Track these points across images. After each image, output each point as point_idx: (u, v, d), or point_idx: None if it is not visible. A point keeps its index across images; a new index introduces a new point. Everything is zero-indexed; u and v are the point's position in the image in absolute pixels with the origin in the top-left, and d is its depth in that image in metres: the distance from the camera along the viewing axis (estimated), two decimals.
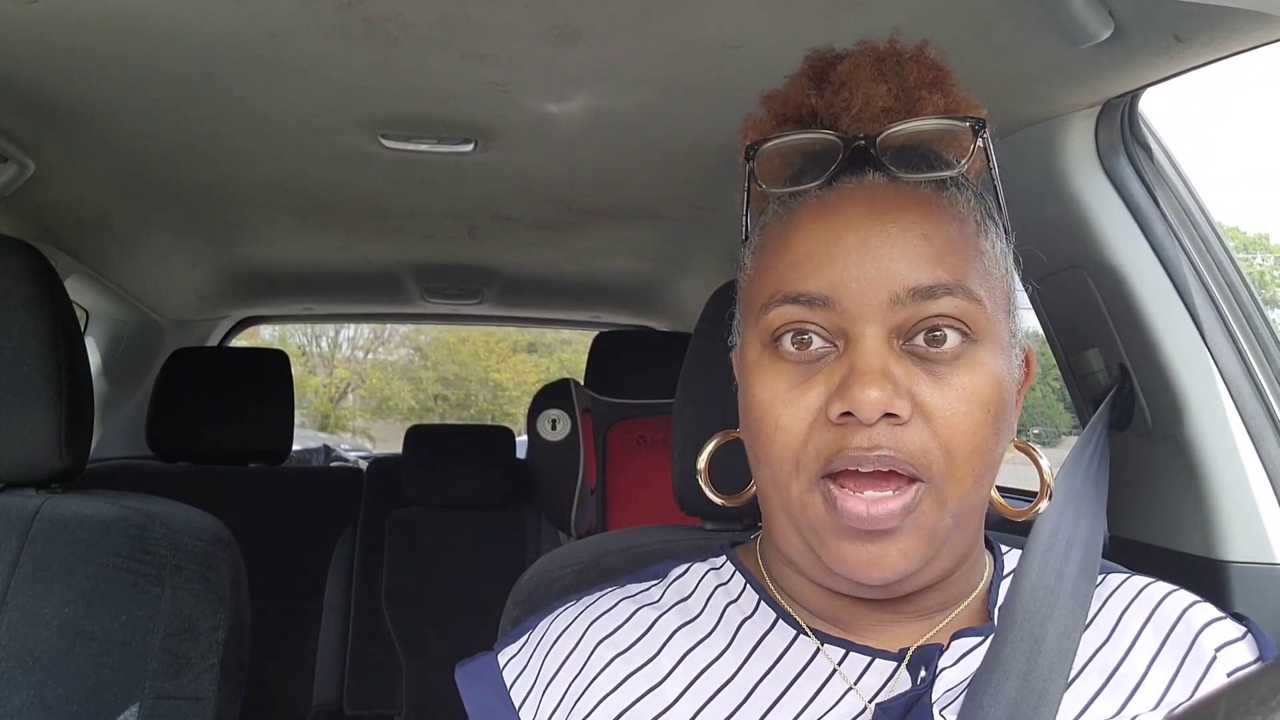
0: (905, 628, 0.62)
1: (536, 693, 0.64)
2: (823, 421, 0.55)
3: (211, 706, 0.97)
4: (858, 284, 0.55)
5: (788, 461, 0.57)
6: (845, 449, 0.54)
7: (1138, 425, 1.08)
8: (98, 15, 0.99)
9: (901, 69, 0.61)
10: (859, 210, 0.57)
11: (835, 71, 0.62)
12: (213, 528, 1.05)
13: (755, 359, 0.59)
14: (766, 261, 0.60)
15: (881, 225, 0.56)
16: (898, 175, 0.58)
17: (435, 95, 1.21)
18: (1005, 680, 0.59)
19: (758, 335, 0.59)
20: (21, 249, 1.03)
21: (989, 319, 0.57)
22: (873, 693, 0.59)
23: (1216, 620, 0.63)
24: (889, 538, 0.55)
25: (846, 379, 0.54)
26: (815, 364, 0.57)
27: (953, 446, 0.55)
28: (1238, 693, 0.33)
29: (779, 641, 0.63)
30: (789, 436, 0.56)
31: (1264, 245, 13.86)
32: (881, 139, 0.58)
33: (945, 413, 0.55)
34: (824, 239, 0.57)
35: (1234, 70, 0.90)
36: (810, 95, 0.62)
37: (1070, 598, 0.64)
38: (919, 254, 0.56)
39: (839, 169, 0.59)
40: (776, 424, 0.57)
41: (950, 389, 0.55)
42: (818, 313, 0.56)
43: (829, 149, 0.60)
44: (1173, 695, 0.60)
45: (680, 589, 0.69)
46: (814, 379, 0.56)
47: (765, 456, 0.58)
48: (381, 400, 16.02)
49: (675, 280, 2.43)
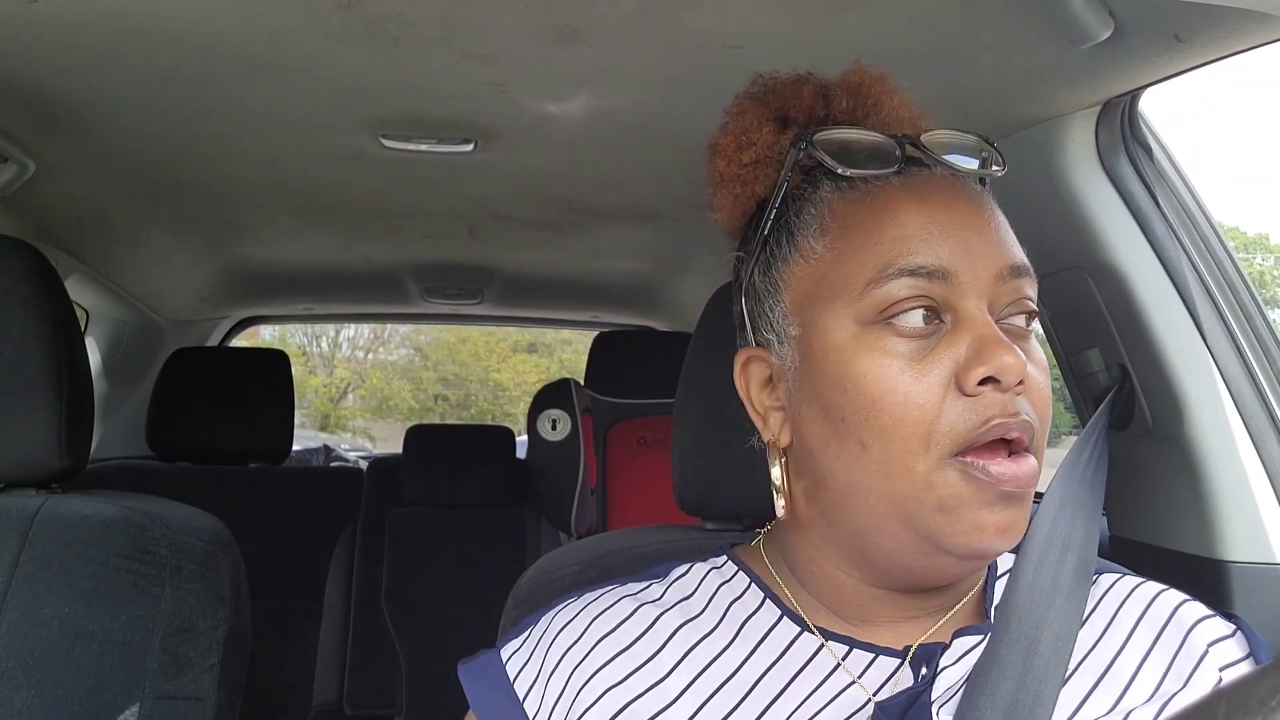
0: (911, 625, 0.62)
1: (540, 685, 0.64)
2: (954, 394, 0.55)
3: (211, 706, 0.97)
4: (969, 258, 0.57)
5: (916, 439, 0.55)
6: (992, 418, 0.55)
7: (1138, 425, 1.08)
8: (98, 15, 0.99)
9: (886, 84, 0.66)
10: (951, 195, 0.60)
11: (839, 85, 0.65)
12: (213, 528, 1.05)
13: (854, 340, 0.58)
14: (858, 242, 0.59)
15: (975, 208, 0.59)
16: (959, 169, 0.61)
17: (435, 95, 1.21)
18: (1001, 682, 0.59)
19: (857, 314, 0.58)
20: (21, 249, 1.03)
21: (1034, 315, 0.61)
22: (875, 688, 0.60)
23: (1207, 618, 0.64)
24: (1021, 501, 0.56)
25: (980, 345, 0.55)
26: (929, 339, 0.57)
27: (1043, 417, 0.58)
28: (1237, 693, 0.33)
29: (783, 637, 0.63)
30: (922, 412, 0.55)
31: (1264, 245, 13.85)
32: (925, 138, 0.62)
33: (1039, 385, 0.58)
34: (926, 217, 0.58)
35: (1234, 70, 0.90)
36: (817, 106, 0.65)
37: (1066, 600, 0.65)
38: (1008, 236, 0.60)
39: (902, 164, 0.61)
40: (906, 398, 0.55)
41: (1036, 364, 0.58)
42: (935, 285, 0.57)
43: (884, 147, 0.61)
44: (1165, 688, 0.60)
45: (682, 588, 0.69)
46: (934, 353, 0.56)
47: (884, 437, 0.56)
48: (381, 400, 16.02)
49: (675, 280, 2.43)
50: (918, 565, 0.59)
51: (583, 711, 0.61)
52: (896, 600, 0.62)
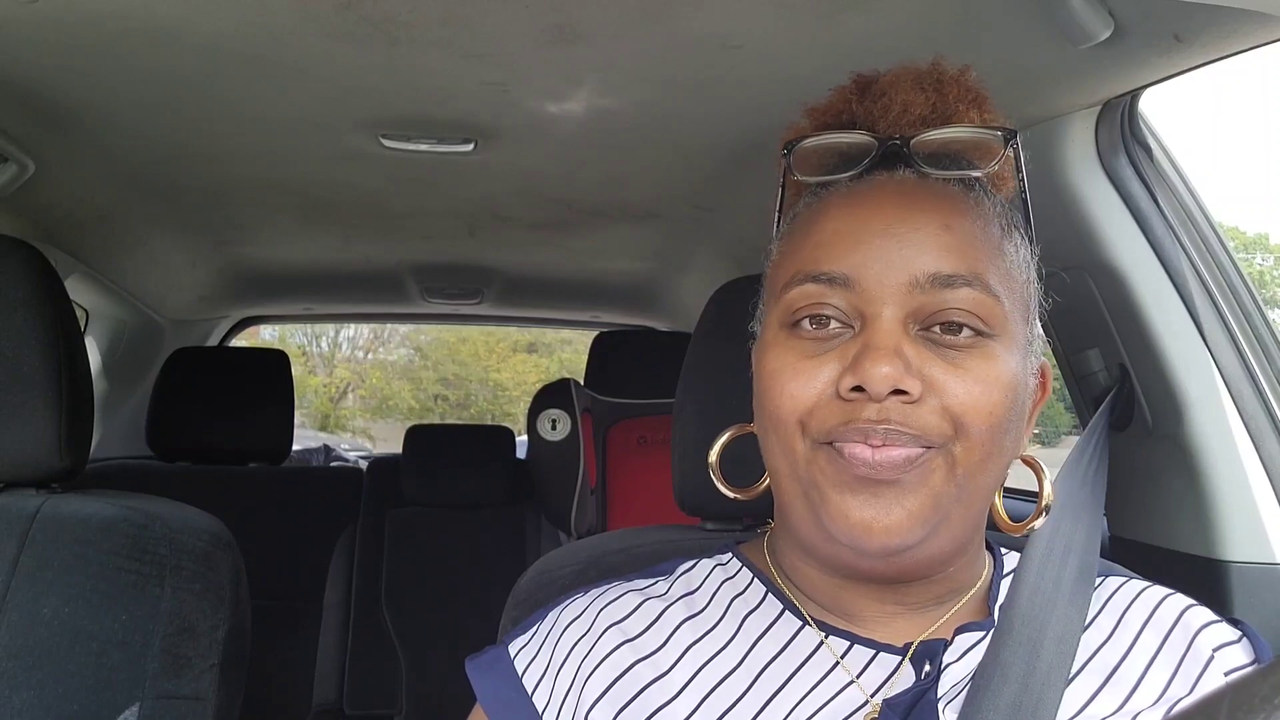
0: (908, 621, 0.62)
1: (549, 677, 0.65)
2: (831, 396, 0.56)
3: (211, 706, 0.97)
4: (879, 265, 0.57)
5: (793, 424, 0.57)
6: (853, 420, 0.55)
7: (1138, 425, 1.08)
8: (98, 15, 0.99)
9: (942, 86, 0.63)
10: (887, 199, 0.59)
11: (877, 83, 0.64)
12: (212, 528, 1.05)
13: (771, 338, 0.61)
14: (793, 245, 0.62)
15: (908, 214, 0.58)
16: (927, 172, 0.60)
17: (435, 95, 1.21)
18: (1004, 684, 0.59)
19: (777, 316, 0.61)
20: (21, 249, 1.03)
21: (1006, 317, 0.58)
22: (875, 686, 0.60)
23: (1213, 623, 0.64)
24: (893, 493, 0.55)
25: (859, 355, 0.55)
26: (829, 342, 0.58)
27: (967, 420, 0.55)
28: (1240, 692, 0.33)
29: (784, 632, 0.63)
30: (795, 403, 0.57)
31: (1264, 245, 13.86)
32: (915, 141, 0.60)
33: (960, 393, 0.55)
34: (850, 222, 0.59)
35: (1234, 70, 0.90)
36: (852, 102, 0.64)
37: (1068, 601, 0.65)
38: (941, 243, 0.57)
39: (871, 164, 0.61)
40: (783, 390, 0.58)
41: (966, 373, 0.56)
42: (837, 292, 0.57)
43: (863, 148, 0.62)
44: (1172, 691, 0.60)
45: (687, 583, 0.69)
46: (827, 355, 0.57)
47: (772, 423, 0.59)
48: (381, 400, 16.02)
49: (675, 280, 2.43)
50: (827, 552, 0.60)
51: (590, 704, 0.62)
52: (868, 592, 0.62)
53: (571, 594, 0.70)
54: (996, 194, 0.63)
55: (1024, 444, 0.62)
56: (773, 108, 1.20)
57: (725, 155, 1.42)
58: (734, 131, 1.31)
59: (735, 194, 1.59)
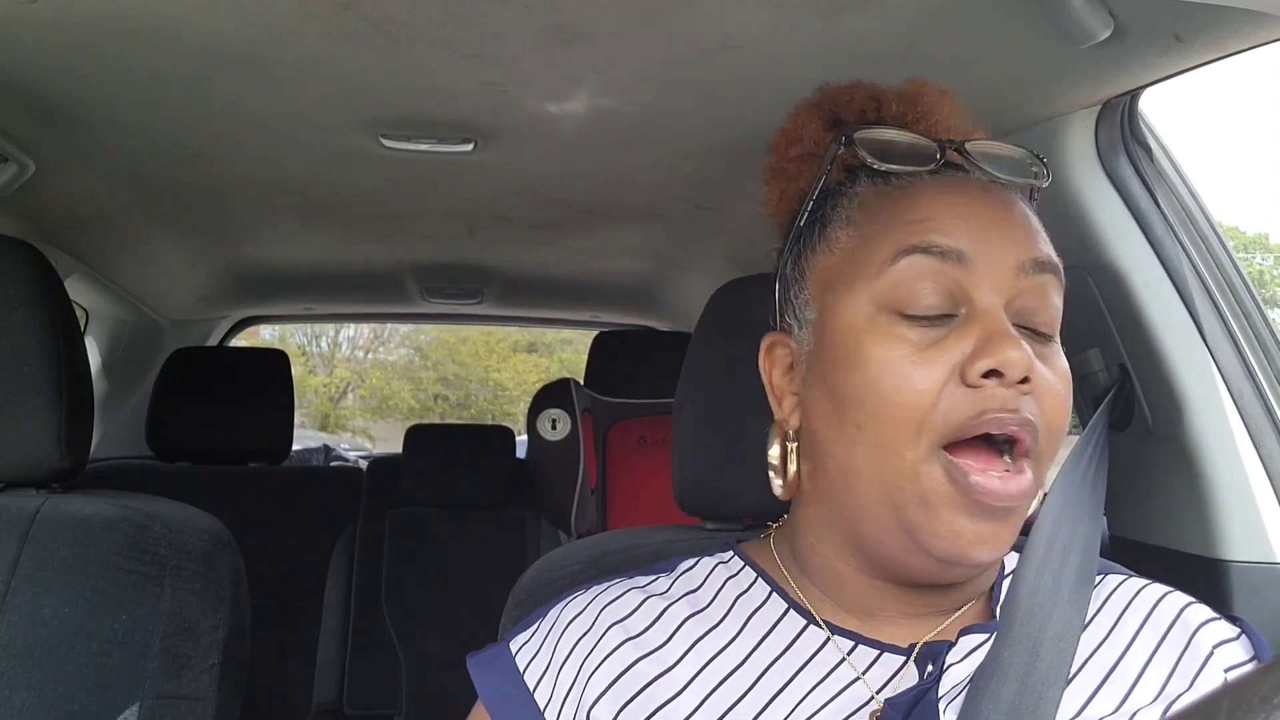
0: (918, 623, 0.62)
1: (551, 674, 0.64)
2: (955, 384, 0.55)
3: (211, 706, 0.97)
4: (989, 246, 0.57)
5: (909, 424, 0.55)
6: (987, 411, 0.54)
7: (1138, 425, 1.08)
8: (98, 15, 0.99)
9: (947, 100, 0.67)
10: (978, 191, 0.60)
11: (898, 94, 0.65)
12: (212, 528, 1.05)
13: (866, 323, 0.58)
14: (879, 227, 0.60)
15: (1003, 206, 0.59)
16: (998, 177, 0.61)
17: (435, 95, 1.21)
18: (1004, 683, 0.59)
19: (874, 297, 0.58)
20: (21, 249, 1.03)
21: (1059, 320, 0.61)
22: (879, 685, 0.60)
23: (1212, 620, 0.64)
24: (1006, 517, 0.56)
25: (988, 339, 0.55)
26: (940, 328, 0.57)
27: (1051, 425, 0.57)
28: (1240, 691, 0.33)
29: (789, 630, 0.63)
30: (919, 397, 0.55)
31: (1264, 245, 13.86)
32: (970, 145, 0.61)
33: (1051, 391, 0.57)
34: (948, 207, 0.59)
35: (1234, 70, 0.90)
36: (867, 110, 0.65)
37: (1068, 601, 0.65)
38: (1037, 234, 0.60)
39: (941, 164, 0.61)
40: (905, 381, 0.56)
41: (1055, 371, 0.58)
42: (948, 269, 0.57)
43: (925, 148, 0.62)
44: (1171, 688, 0.60)
45: (689, 581, 0.69)
46: (943, 342, 0.56)
47: (877, 421, 0.56)
48: (381, 400, 16.02)
49: (675, 280, 2.43)
50: (902, 560, 0.59)
51: (593, 701, 0.62)
52: (897, 594, 0.62)
53: (573, 591, 0.70)
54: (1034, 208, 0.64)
55: None
56: (773, 108, 1.20)
57: (725, 155, 1.42)
58: (734, 131, 1.31)
59: (735, 194, 1.59)
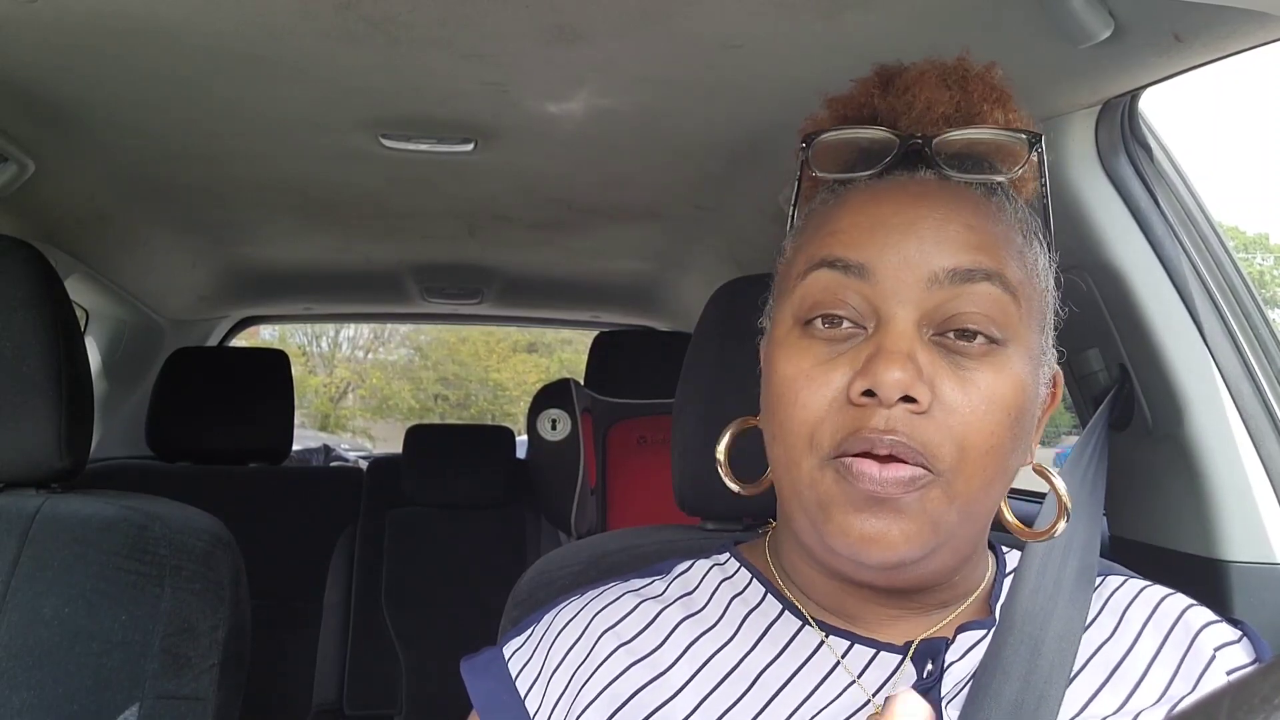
0: (909, 622, 0.62)
1: (541, 682, 0.64)
2: (842, 402, 0.55)
3: (211, 706, 0.97)
4: (897, 259, 0.56)
5: (802, 438, 0.56)
6: (862, 429, 0.54)
7: (1138, 425, 1.08)
8: (98, 15, 0.99)
9: (966, 83, 0.62)
10: (907, 197, 0.58)
11: (901, 77, 0.63)
12: (212, 528, 1.05)
13: (783, 335, 0.59)
14: (807, 238, 0.61)
15: (928, 212, 0.57)
16: (949, 174, 0.59)
17: (435, 95, 1.21)
18: (1006, 683, 0.59)
19: (790, 310, 0.59)
20: (21, 249, 1.03)
21: (1021, 320, 0.57)
22: (876, 686, 0.60)
23: (1214, 622, 0.64)
24: (893, 514, 0.54)
25: (872, 358, 0.54)
26: (843, 344, 0.57)
27: (967, 444, 0.54)
28: (1241, 691, 0.33)
29: (784, 632, 0.63)
30: (807, 413, 0.56)
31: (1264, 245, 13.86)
32: (938, 141, 0.59)
33: (964, 409, 0.54)
34: (867, 216, 0.58)
35: (1234, 70, 0.90)
36: (874, 96, 0.63)
37: (1069, 600, 0.65)
38: (962, 240, 0.56)
39: (893, 163, 0.60)
40: (796, 399, 0.57)
41: (973, 387, 0.55)
42: (853, 284, 0.56)
43: (884, 145, 0.60)
44: (1174, 690, 0.60)
45: (685, 583, 0.69)
46: (840, 359, 0.56)
47: (780, 433, 0.58)
48: (381, 400, 16.02)
49: (675, 280, 2.43)
50: (829, 560, 0.59)
51: (584, 708, 0.61)
52: (871, 597, 0.61)
53: (568, 596, 0.70)
54: (1018, 199, 0.62)
55: (1033, 452, 0.61)
56: (773, 108, 1.20)
57: (725, 155, 1.42)
58: (734, 131, 1.31)
59: (735, 194, 1.59)
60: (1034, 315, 0.59)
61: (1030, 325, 0.58)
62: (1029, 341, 0.58)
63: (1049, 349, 0.61)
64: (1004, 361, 0.56)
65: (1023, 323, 0.57)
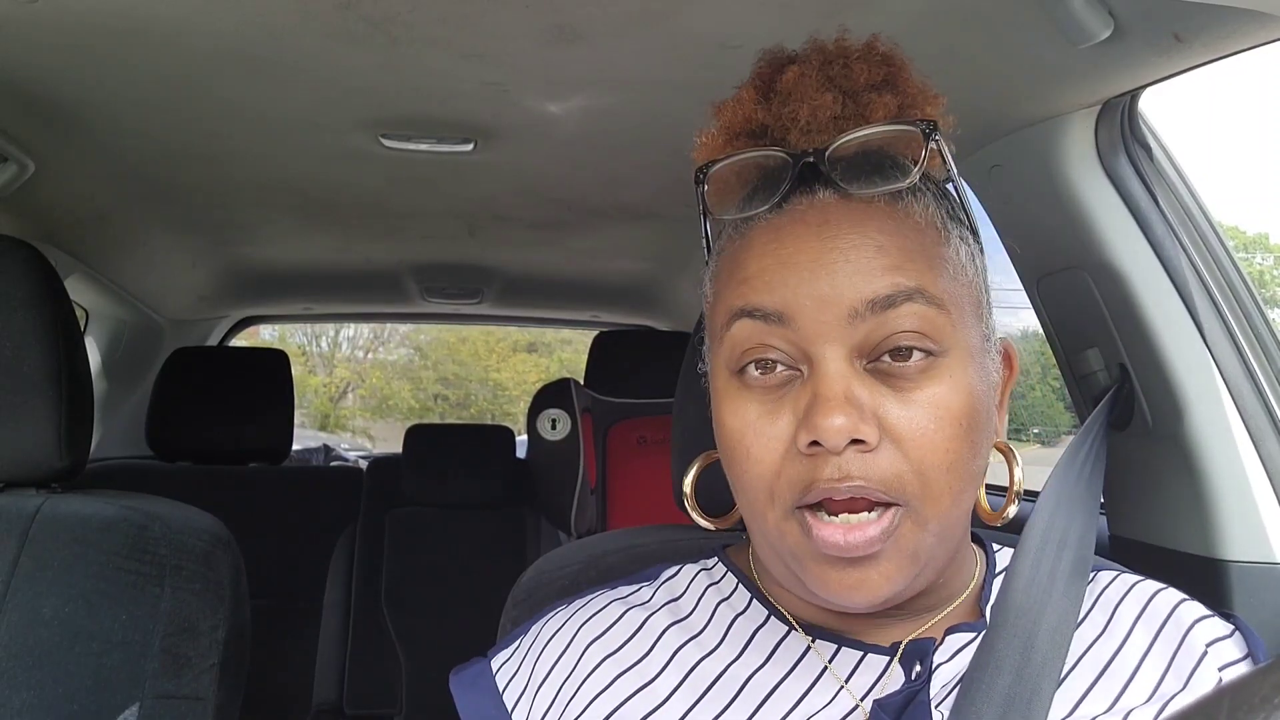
0: (897, 626, 0.62)
1: (528, 696, 0.64)
2: (793, 451, 0.54)
3: (211, 706, 0.97)
4: (812, 301, 0.54)
5: (761, 492, 0.55)
6: (817, 481, 0.53)
7: (1138, 425, 1.08)
8: (98, 15, 0.99)
9: (850, 71, 0.59)
10: (810, 231, 0.56)
11: (781, 80, 0.60)
12: (212, 527, 1.05)
13: (723, 386, 0.58)
14: (722, 284, 0.60)
15: (834, 243, 0.55)
16: (849, 191, 0.56)
17: (435, 95, 1.21)
18: (998, 677, 0.59)
19: (723, 360, 0.58)
20: (21, 249, 1.03)
21: (955, 326, 0.55)
22: (865, 690, 0.59)
23: (1206, 617, 0.64)
24: (869, 562, 0.54)
25: (811, 406, 0.53)
26: (782, 389, 0.55)
27: (925, 467, 0.53)
28: (1240, 691, 0.33)
29: (770, 638, 0.63)
30: (762, 468, 0.55)
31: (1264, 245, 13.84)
32: (830, 152, 0.56)
33: (914, 433, 0.53)
34: (774, 259, 0.56)
35: (1234, 70, 0.90)
36: (758, 109, 0.61)
37: (1063, 595, 0.65)
38: (875, 265, 0.54)
39: (790, 188, 0.57)
40: (748, 454, 0.55)
41: (918, 406, 0.53)
42: (775, 331, 0.55)
43: (778, 165, 0.58)
44: (1165, 688, 0.60)
45: (671, 589, 0.69)
46: (781, 406, 0.55)
47: (740, 485, 0.57)
48: (381, 400, 16.01)
49: (675, 280, 2.43)
50: (813, 601, 0.59)
51: (574, 718, 0.61)
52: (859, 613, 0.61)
53: (555, 606, 0.69)
54: (926, 191, 0.58)
55: (1002, 430, 0.61)
56: None
57: None
58: None
59: None
60: (966, 312, 0.57)
61: (965, 324, 0.56)
62: (967, 341, 0.56)
63: (991, 330, 0.59)
64: (944, 371, 0.54)
65: (957, 327, 0.55)
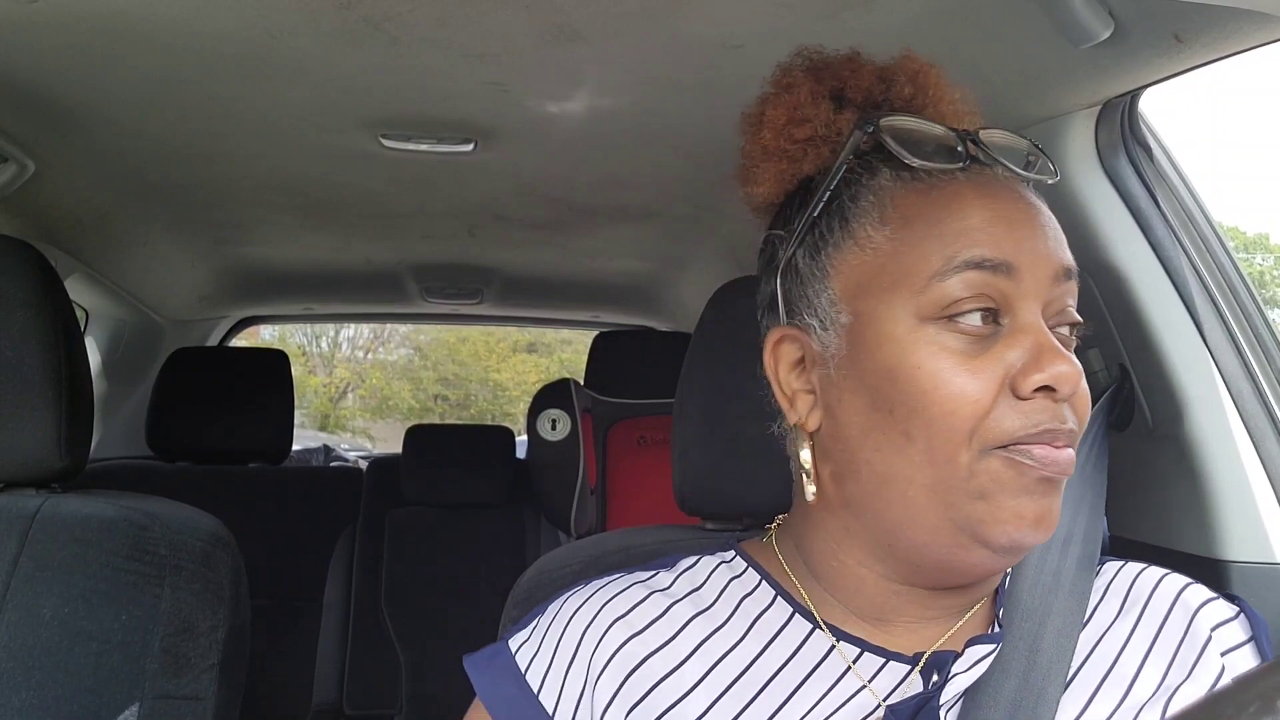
0: (928, 627, 0.62)
1: (556, 676, 0.63)
2: (1006, 395, 0.55)
3: (211, 706, 0.97)
4: (1032, 256, 0.57)
5: (961, 432, 0.55)
6: (1042, 423, 0.55)
7: (1138, 425, 1.08)
8: (98, 15, 0.99)
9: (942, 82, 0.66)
10: (1011, 193, 0.59)
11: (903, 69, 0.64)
12: (212, 527, 1.05)
13: (913, 333, 0.57)
14: (921, 234, 0.58)
15: (1034, 209, 0.59)
16: (1019, 172, 0.61)
17: (435, 95, 1.21)
18: (1005, 679, 0.59)
19: (918, 308, 0.57)
20: (21, 249, 1.03)
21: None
22: (885, 694, 0.59)
23: (1211, 600, 0.64)
24: (1056, 492, 0.57)
25: (1039, 353, 0.55)
26: (987, 339, 0.57)
27: (1081, 422, 0.58)
28: (1241, 691, 0.33)
29: (795, 635, 0.63)
30: (974, 407, 0.55)
31: (1264, 245, 13.86)
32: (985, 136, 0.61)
33: (1085, 394, 0.58)
34: (993, 212, 0.58)
35: (1234, 70, 0.90)
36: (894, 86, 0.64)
37: (1069, 594, 0.65)
38: (1061, 239, 0.60)
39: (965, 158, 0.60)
40: (961, 392, 0.55)
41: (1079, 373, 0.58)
42: (998, 281, 0.56)
43: (949, 141, 0.60)
44: (1171, 679, 0.60)
45: (691, 579, 0.68)
46: (989, 353, 0.56)
47: (931, 430, 0.56)
48: (381, 400, 16.02)
49: (675, 280, 2.43)
50: (951, 559, 0.58)
51: (605, 705, 0.61)
52: (918, 597, 0.61)
53: (571, 587, 0.69)
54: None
55: None
56: None
57: (725, 155, 1.41)
58: (734, 131, 1.31)
59: (735, 194, 1.58)
60: None
61: None
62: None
63: None
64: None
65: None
